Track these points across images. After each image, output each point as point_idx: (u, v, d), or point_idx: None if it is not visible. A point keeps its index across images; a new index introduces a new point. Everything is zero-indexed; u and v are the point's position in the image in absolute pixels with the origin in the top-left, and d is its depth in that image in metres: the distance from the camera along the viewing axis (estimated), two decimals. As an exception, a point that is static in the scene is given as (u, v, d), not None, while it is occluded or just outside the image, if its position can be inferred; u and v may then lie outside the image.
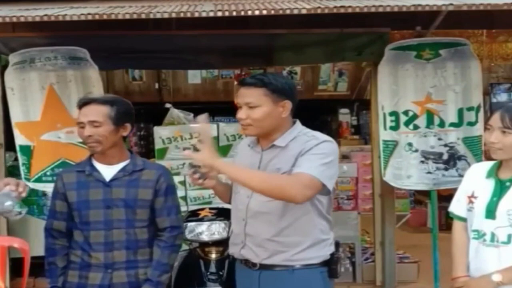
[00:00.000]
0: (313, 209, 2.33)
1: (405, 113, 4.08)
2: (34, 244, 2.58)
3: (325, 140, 2.30)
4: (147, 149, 8.24)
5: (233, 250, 2.45)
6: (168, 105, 5.21)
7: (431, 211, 4.41)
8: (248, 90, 2.30)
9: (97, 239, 2.47)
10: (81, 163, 2.63)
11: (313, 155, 2.23)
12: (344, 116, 9.22)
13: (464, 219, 2.38)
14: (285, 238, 2.29)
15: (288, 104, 2.31)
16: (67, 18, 3.47)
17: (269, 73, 2.75)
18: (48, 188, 3.78)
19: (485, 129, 2.33)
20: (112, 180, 2.50)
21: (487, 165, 2.37)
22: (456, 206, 2.43)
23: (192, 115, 5.18)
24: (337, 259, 2.37)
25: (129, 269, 2.48)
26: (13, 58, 3.96)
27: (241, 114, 2.31)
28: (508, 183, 2.24)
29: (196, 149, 2.33)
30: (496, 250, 2.22)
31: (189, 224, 3.45)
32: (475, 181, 2.36)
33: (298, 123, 2.39)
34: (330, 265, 2.34)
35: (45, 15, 3.49)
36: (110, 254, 2.47)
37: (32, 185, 3.95)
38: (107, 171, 2.51)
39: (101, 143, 2.46)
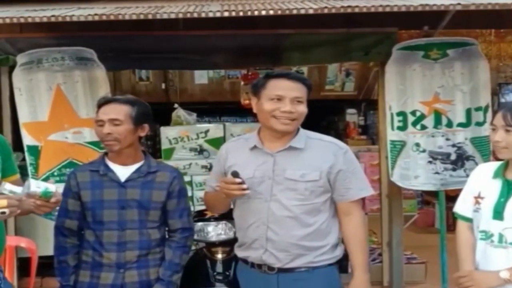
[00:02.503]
0: (330, 213, 2.38)
1: (413, 113, 4.06)
2: (42, 244, 2.60)
3: (348, 149, 2.41)
4: (154, 149, 8.25)
5: (247, 254, 2.43)
6: (176, 106, 5.23)
7: (439, 212, 4.40)
8: (296, 85, 2.31)
9: (110, 239, 2.47)
10: (94, 162, 2.62)
11: (352, 173, 2.36)
12: (351, 116, 9.21)
13: (469, 219, 2.37)
14: (309, 242, 2.33)
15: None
16: (74, 19, 3.48)
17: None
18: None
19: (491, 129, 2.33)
20: (127, 181, 2.50)
21: (494, 165, 2.35)
22: (461, 206, 2.42)
23: (195, 115, 5.19)
24: (346, 255, 2.42)
25: (141, 269, 2.49)
26: (20, 58, 3.97)
27: (290, 107, 2.27)
28: (515, 184, 2.23)
29: (202, 149, 2.35)
30: (504, 251, 2.21)
31: (196, 224, 3.44)
32: (482, 181, 2.34)
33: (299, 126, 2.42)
34: (341, 261, 2.41)
35: (53, 15, 3.50)
36: (123, 254, 2.47)
37: (39, 185, 3.96)
38: (122, 172, 2.51)
39: (119, 141, 2.46)
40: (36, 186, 2.09)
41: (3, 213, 1.94)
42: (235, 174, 2.26)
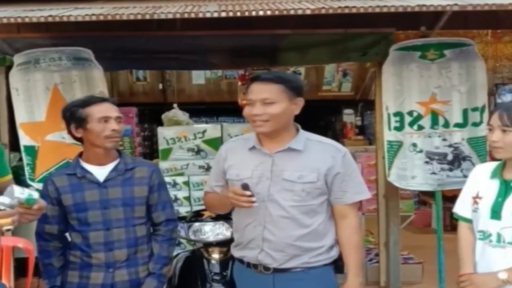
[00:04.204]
0: (327, 214, 2.39)
1: (410, 113, 4.07)
2: (39, 245, 2.60)
3: (347, 152, 2.40)
4: (151, 150, 8.25)
5: (243, 253, 2.44)
6: (175, 106, 5.23)
7: (436, 212, 4.40)
8: (265, 86, 2.29)
9: (97, 239, 2.48)
10: (69, 166, 2.62)
11: (349, 176, 2.36)
12: (349, 116, 9.22)
13: (468, 220, 2.38)
14: (305, 243, 2.33)
15: (300, 102, 2.34)
16: (72, 19, 3.48)
17: (282, 71, 2.76)
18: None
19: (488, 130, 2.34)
20: (107, 180, 2.50)
21: (492, 165, 2.37)
22: (461, 207, 2.43)
23: (188, 115, 5.19)
24: (341, 255, 2.43)
25: (130, 267, 2.51)
26: (17, 58, 3.97)
27: (257, 110, 2.28)
28: (513, 183, 2.24)
29: (199, 150, 2.35)
30: (502, 250, 2.22)
31: (194, 224, 3.45)
32: (480, 181, 2.35)
33: (300, 127, 2.42)
34: (337, 261, 2.41)
35: (50, 15, 3.50)
36: (111, 253, 2.48)
37: (36, 185, 3.96)
38: (99, 172, 2.51)
39: (119, 138, 2.52)
40: (20, 192, 2.03)
41: (9, 230, 1.92)
42: (246, 187, 2.27)
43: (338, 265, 2.41)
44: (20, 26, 4.18)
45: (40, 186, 3.96)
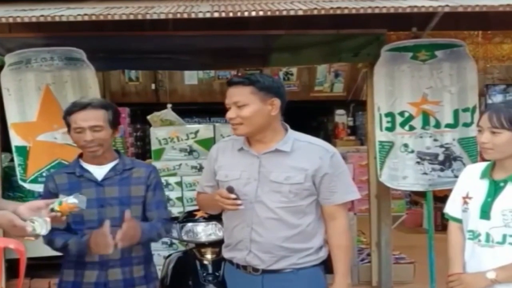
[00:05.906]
0: (316, 215, 2.39)
1: (401, 114, 4.09)
2: (30, 246, 2.58)
3: (335, 152, 2.40)
4: (144, 150, 8.24)
5: (232, 254, 2.45)
6: (168, 106, 5.22)
7: (427, 212, 4.43)
8: (235, 89, 2.34)
9: None
10: (69, 165, 2.67)
11: (337, 177, 2.36)
12: (340, 117, 9.26)
13: (459, 220, 2.40)
14: (293, 244, 2.34)
15: (276, 102, 2.33)
16: (64, 19, 3.47)
17: (257, 73, 2.79)
18: (44, 188, 3.77)
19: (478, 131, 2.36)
20: (104, 179, 2.53)
21: (481, 166, 2.39)
22: (451, 207, 2.45)
23: (175, 115, 5.18)
24: (330, 255, 2.44)
25: (124, 266, 2.52)
26: (9, 58, 3.95)
27: (230, 113, 2.33)
28: (502, 184, 2.26)
29: (192, 150, 2.36)
30: (491, 250, 2.24)
31: (186, 224, 3.45)
32: (470, 182, 2.37)
33: (289, 128, 2.42)
34: (326, 262, 2.42)
35: (42, 15, 3.49)
36: None
37: (28, 186, 3.95)
38: (98, 171, 2.54)
39: (102, 146, 2.51)
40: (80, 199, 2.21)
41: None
42: (231, 190, 2.28)
43: (327, 265, 2.42)
44: (12, 26, 4.15)
45: (31, 186, 3.98)
